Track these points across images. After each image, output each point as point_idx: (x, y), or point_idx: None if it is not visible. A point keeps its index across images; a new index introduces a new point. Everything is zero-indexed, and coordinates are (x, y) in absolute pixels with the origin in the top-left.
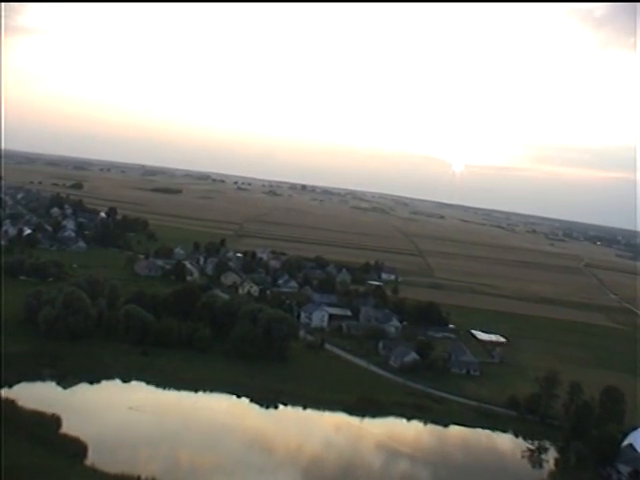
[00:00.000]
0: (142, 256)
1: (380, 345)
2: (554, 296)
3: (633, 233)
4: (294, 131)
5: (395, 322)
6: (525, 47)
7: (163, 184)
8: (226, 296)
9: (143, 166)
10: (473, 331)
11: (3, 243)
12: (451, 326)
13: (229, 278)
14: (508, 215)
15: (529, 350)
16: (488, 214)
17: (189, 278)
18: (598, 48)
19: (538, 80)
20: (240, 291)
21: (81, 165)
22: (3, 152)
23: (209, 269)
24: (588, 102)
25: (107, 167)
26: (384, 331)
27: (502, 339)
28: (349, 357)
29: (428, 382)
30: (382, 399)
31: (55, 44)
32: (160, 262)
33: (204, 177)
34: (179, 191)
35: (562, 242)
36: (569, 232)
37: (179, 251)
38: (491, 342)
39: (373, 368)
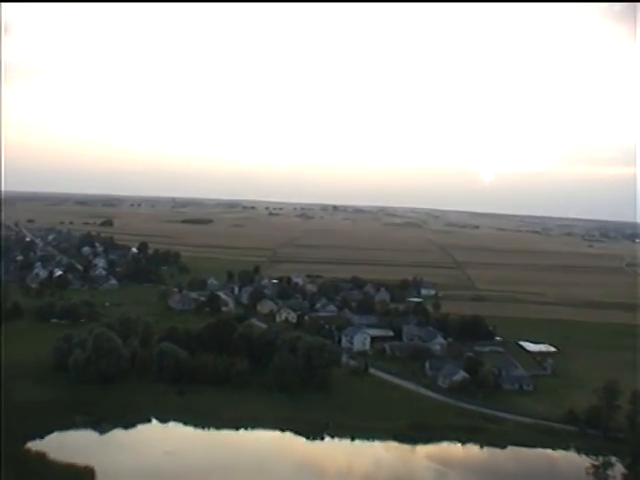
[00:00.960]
0: (175, 289)
1: (426, 365)
2: (600, 299)
3: None
4: (322, 152)
5: (440, 339)
6: (544, 47)
7: (193, 215)
8: (263, 325)
9: (173, 199)
10: (521, 342)
11: (34, 286)
12: (498, 339)
13: (265, 306)
14: (542, 219)
15: (581, 358)
16: (522, 220)
17: (224, 309)
18: (620, 42)
19: (559, 79)
20: (277, 319)
21: (111, 202)
22: (33, 194)
23: (244, 298)
24: (613, 98)
25: (137, 202)
26: (429, 350)
27: (552, 349)
28: (395, 380)
29: (480, 401)
30: (434, 423)
31: (72, 83)
32: (194, 294)
33: (235, 205)
34: (210, 221)
35: (600, 242)
36: (606, 232)
37: (213, 282)
38: (541, 353)
39: (421, 390)
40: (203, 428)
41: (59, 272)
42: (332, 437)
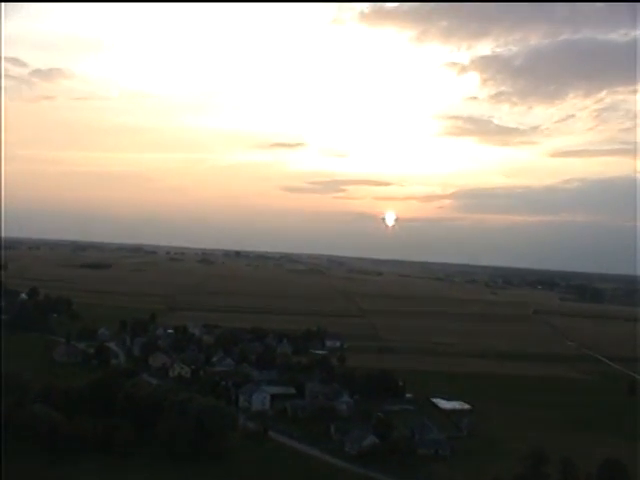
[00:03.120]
0: (62, 340)
1: (332, 428)
2: (511, 349)
3: (570, 274)
4: (224, 197)
5: (346, 398)
6: (440, 94)
7: (93, 259)
8: (155, 381)
9: (74, 242)
10: (433, 399)
11: None
12: (408, 396)
13: (158, 359)
14: (444, 266)
15: (498, 417)
16: (425, 266)
17: (114, 362)
18: (518, 98)
19: (456, 130)
20: (170, 374)
21: (9, 244)
22: None
23: (136, 350)
24: (506, 146)
25: (37, 245)
26: (334, 410)
27: (467, 406)
28: (297, 446)
29: (393, 470)
30: None
31: None
32: (82, 345)
33: (137, 249)
34: (109, 265)
35: (503, 290)
36: (508, 279)
37: (103, 332)
38: (455, 411)
39: (327, 457)
40: None
41: None
42: None
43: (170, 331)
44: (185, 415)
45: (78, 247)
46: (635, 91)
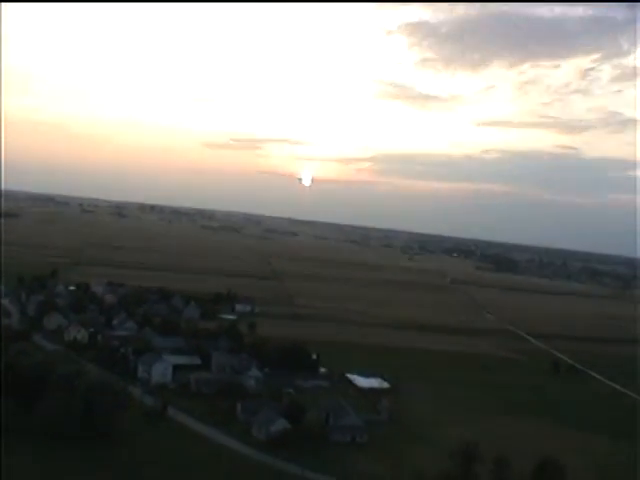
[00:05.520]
0: None
1: (239, 407)
2: (431, 321)
3: (485, 243)
4: (142, 150)
5: (255, 371)
6: (365, 57)
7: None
8: (48, 345)
9: None
10: (349, 375)
11: None
12: (322, 370)
13: (53, 320)
14: (360, 229)
15: (419, 398)
16: (340, 229)
17: (5, 322)
18: (442, 65)
19: (380, 93)
20: (66, 337)
21: None
22: None
23: (31, 309)
24: (428, 112)
25: None
26: (241, 385)
27: (385, 384)
28: (199, 427)
29: (305, 459)
30: None
31: None
32: None
33: (48, 199)
34: (16, 215)
35: (419, 256)
36: (423, 245)
37: None
38: (373, 390)
39: (231, 443)
40: None
41: None
42: None
43: (72, 288)
44: (72, 391)
45: None
46: (557, 66)
